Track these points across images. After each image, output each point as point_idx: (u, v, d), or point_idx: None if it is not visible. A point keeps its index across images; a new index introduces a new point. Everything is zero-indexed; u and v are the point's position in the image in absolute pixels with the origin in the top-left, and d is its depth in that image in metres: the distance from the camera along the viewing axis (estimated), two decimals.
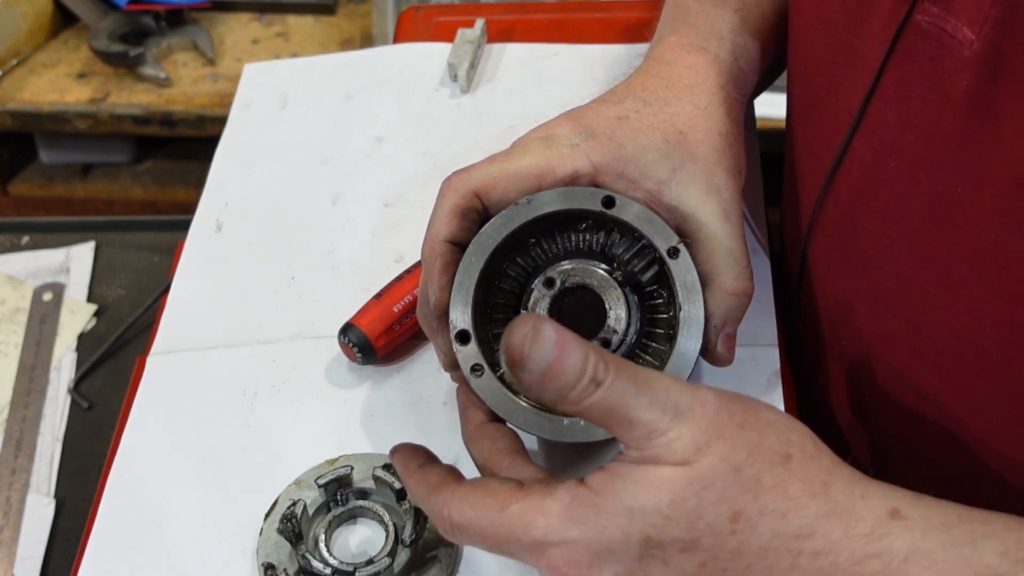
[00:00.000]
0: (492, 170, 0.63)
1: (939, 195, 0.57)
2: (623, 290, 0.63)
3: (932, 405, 0.63)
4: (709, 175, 0.64)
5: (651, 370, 0.51)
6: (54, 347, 0.98)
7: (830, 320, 0.71)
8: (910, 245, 0.60)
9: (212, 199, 0.90)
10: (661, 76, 0.69)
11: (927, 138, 0.56)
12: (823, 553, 0.49)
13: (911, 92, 0.57)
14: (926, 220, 0.58)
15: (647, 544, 0.49)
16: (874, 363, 0.67)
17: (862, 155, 0.62)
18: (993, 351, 0.57)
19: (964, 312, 0.58)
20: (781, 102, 0.77)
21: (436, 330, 0.65)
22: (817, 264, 0.71)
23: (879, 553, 0.49)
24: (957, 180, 0.55)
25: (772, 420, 0.51)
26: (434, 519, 0.54)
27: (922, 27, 0.55)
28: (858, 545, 0.49)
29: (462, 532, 0.53)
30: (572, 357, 0.48)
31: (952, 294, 0.58)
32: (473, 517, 0.52)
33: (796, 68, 0.71)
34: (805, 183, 0.71)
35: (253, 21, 1.66)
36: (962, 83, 0.53)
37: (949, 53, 0.53)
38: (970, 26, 0.52)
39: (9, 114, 1.53)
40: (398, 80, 0.98)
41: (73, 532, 0.83)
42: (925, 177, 0.57)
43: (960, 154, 0.55)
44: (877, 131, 0.60)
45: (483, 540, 0.52)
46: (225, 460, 0.71)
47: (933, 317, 0.60)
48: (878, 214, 0.62)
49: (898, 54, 0.57)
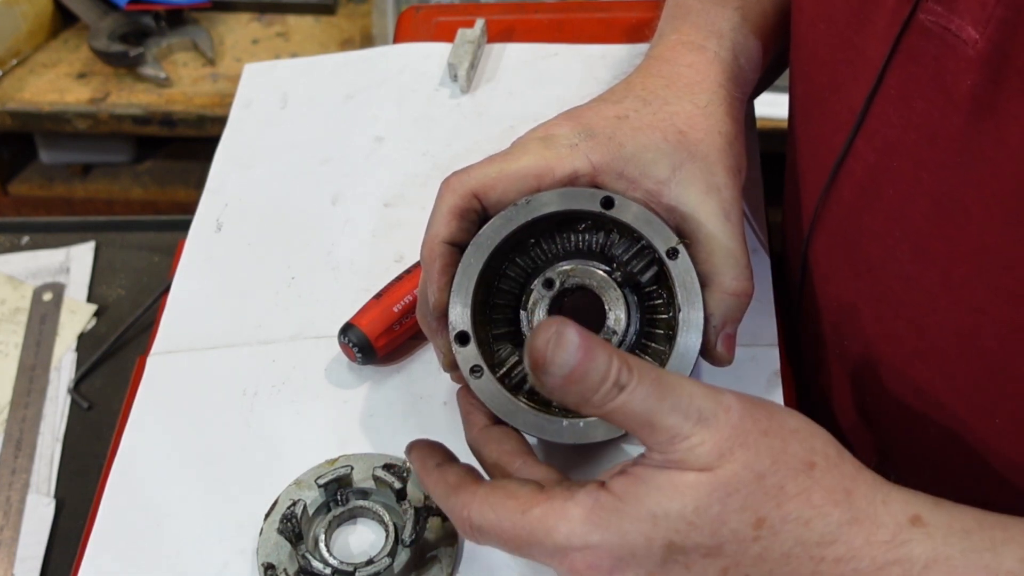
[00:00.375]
0: (491, 171, 0.63)
1: (942, 195, 0.57)
2: (622, 291, 0.63)
3: (934, 406, 0.63)
4: (709, 174, 0.64)
5: (677, 375, 0.51)
6: (54, 347, 0.98)
7: (832, 320, 0.71)
8: (913, 245, 0.60)
9: (212, 199, 0.90)
10: (661, 75, 0.69)
11: (930, 138, 0.56)
12: (845, 560, 0.49)
13: (914, 92, 0.57)
14: (929, 220, 0.58)
15: (670, 550, 0.49)
16: (876, 363, 0.67)
17: (865, 155, 0.62)
18: (996, 351, 0.57)
19: (967, 313, 0.58)
20: (781, 102, 0.77)
21: (435, 331, 0.65)
22: (819, 264, 0.71)
23: (900, 560, 0.49)
24: (960, 180, 0.55)
25: (796, 427, 0.51)
26: (454, 519, 0.55)
27: (926, 26, 0.55)
28: (879, 552, 0.49)
29: (482, 534, 0.53)
30: (596, 361, 0.48)
31: (955, 294, 0.58)
32: (494, 519, 0.52)
33: (798, 67, 0.71)
34: (807, 183, 0.71)
35: (253, 21, 1.66)
36: (966, 83, 0.53)
37: (953, 53, 0.53)
38: (974, 25, 0.52)
39: (9, 114, 1.53)
40: (398, 80, 0.98)
41: (73, 532, 0.83)
42: (928, 177, 0.57)
43: (963, 154, 0.54)
44: (880, 131, 0.60)
45: (503, 542, 0.52)
46: (225, 460, 0.71)
47: (936, 317, 0.60)
48: (881, 214, 0.62)
49: (901, 53, 0.57)
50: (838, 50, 0.63)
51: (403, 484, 0.65)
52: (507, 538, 0.52)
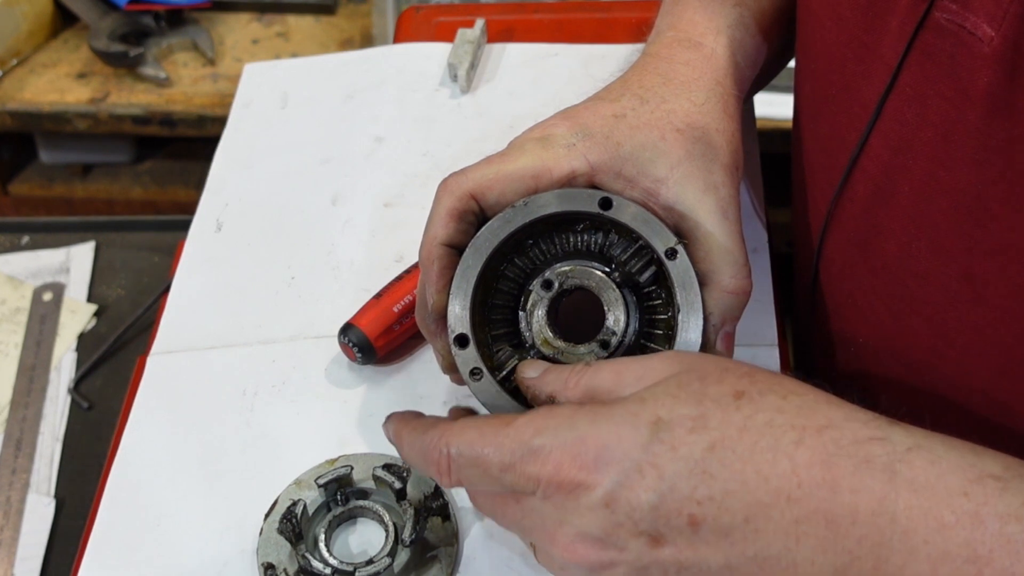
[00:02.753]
0: (488, 172, 0.63)
1: (961, 192, 0.56)
2: (621, 291, 0.63)
3: (952, 405, 0.63)
4: (706, 173, 0.63)
5: None
6: (54, 347, 0.98)
7: (846, 319, 0.70)
8: (931, 243, 0.60)
9: (212, 199, 0.90)
10: (658, 72, 0.68)
11: (946, 135, 0.56)
12: (828, 428, 0.49)
13: (929, 90, 0.57)
14: (948, 217, 0.58)
15: (656, 427, 0.50)
16: (892, 362, 0.67)
17: (879, 153, 0.62)
18: (1016, 348, 0.57)
19: (987, 309, 0.58)
20: (781, 102, 0.77)
21: (434, 333, 0.65)
22: (833, 262, 0.70)
23: (882, 439, 0.49)
24: (978, 177, 0.55)
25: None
26: (428, 462, 0.54)
27: (941, 24, 0.55)
28: (861, 427, 0.49)
29: (462, 462, 0.53)
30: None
31: (975, 291, 0.58)
32: (475, 437, 0.52)
33: (805, 65, 0.71)
34: (818, 182, 0.70)
35: (253, 21, 1.66)
36: (981, 80, 0.53)
37: (968, 50, 0.53)
38: (989, 22, 0.52)
39: (9, 114, 1.53)
40: (398, 80, 0.98)
41: (73, 532, 0.83)
42: (945, 175, 0.57)
43: (980, 151, 0.54)
44: (895, 129, 0.60)
45: (484, 465, 0.52)
46: (225, 460, 0.71)
47: (954, 315, 0.60)
48: (897, 212, 0.62)
49: (916, 51, 0.57)
50: (849, 49, 0.63)
51: (403, 484, 0.65)
52: (488, 457, 0.52)
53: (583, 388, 0.55)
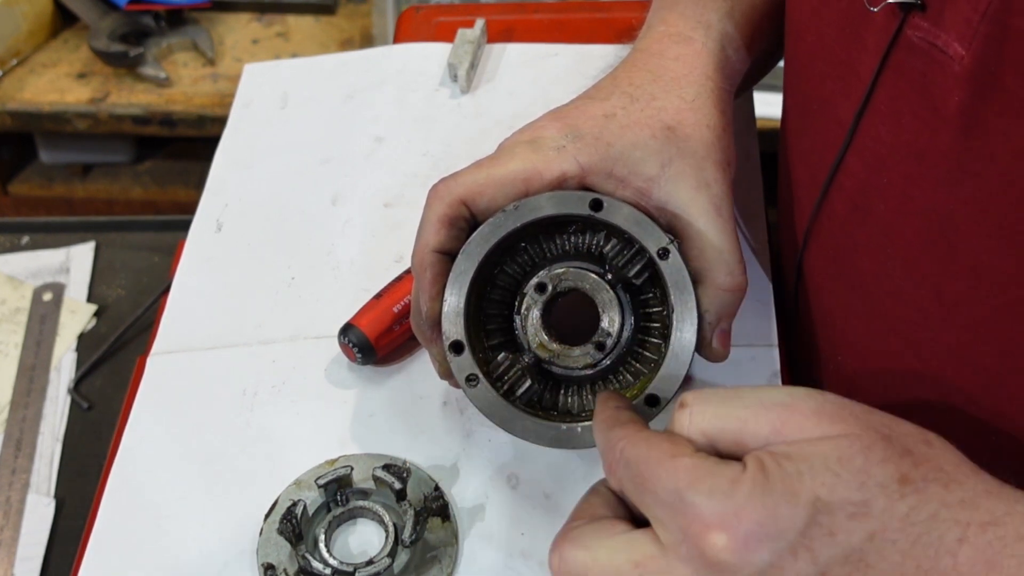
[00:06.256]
0: (479, 177, 0.63)
1: (933, 212, 0.56)
2: (615, 292, 0.63)
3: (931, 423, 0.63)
4: (698, 170, 0.63)
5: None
6: (54, 347, 0.98)
7: (826, 334, 0.70)
8: (905, 262, 0.59)
9: (212, 199, 0.90)
10: (648, 68, 0.68)
11: (919, 154, 0.56)
12: (990, 525, 0.47)
13: (903, 108, 0.56)
14: (921, 237, 0.58)
15: (815, 508, 0.46)
16: (871, 379, 0.66)
17: (856, 170, 0.62)
18: (992, 368, 0.57)
19: (962, 330, 0.57)
20: (781, 102, 0.77)
21: (430, 340, 0.64)
22: (813, 276, 0.70)
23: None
24: (951, 197, 0.55)
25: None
26: (605, 450, 0.53)
27: (913, 43, 0.54)
28: (1020, 523, 0.47)
29: (627, 467, 0.51)
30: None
31: (949, 312, 0.58)
32: (645, 454, 0.50)
33: (790, 79, 0.71)
34: (800, 195, 0.70)
35: (253, 21, 1.66)
36: (953, 99, 0.52)
37: (940, 69, 0.53)
38: (960, 41, 0.51)
39: (9, 114, 1.53)
40: (398, 80, 0.98)
41: (73, 532, 0.83)
42: (919, 194, 0.57)
43: (953, 171, 0.54)
44: (870, 146, 0.60)
45: (642, 480, 0.50)
46: (225, 460, 0.71)
47: (929, 335, 0.60)
48: (873, 230, 0.61)
49: (890, 69, 0.57)
50: (828, 65, 0.63)
51: (403, 484, 0.65)
52: (647, 476, 0.50)
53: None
